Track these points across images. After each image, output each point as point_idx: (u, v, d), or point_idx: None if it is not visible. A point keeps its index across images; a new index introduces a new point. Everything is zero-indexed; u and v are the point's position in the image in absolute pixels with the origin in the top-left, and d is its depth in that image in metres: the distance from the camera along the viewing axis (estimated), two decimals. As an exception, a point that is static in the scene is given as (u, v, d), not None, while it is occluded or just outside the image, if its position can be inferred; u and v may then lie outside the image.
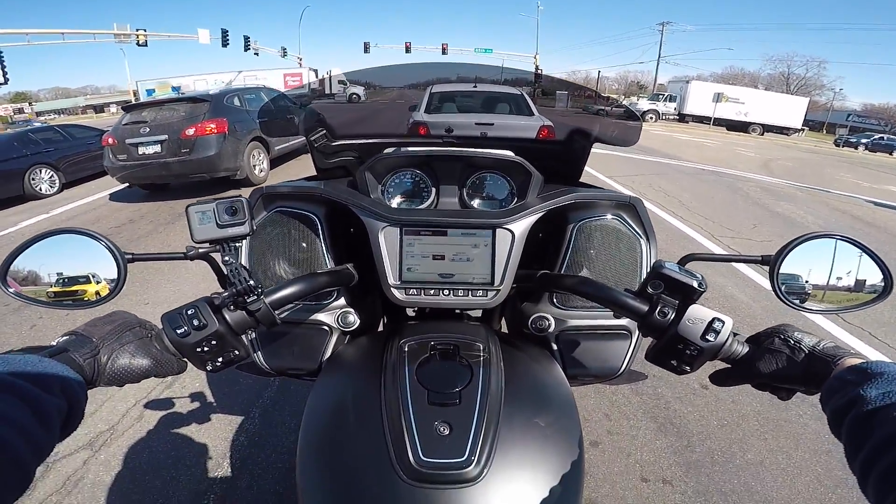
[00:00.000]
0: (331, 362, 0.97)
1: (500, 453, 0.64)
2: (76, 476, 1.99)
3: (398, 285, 0.91)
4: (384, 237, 0.90)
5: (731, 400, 2.53)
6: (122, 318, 0.65)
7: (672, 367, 0.70)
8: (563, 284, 0.90)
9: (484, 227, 0.91)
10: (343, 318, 1.02)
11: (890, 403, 0.45)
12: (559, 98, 2.61)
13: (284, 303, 0.75)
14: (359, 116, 1.75)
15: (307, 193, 1.01)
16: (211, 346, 0.66)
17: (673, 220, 6.18)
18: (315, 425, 0.74)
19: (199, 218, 0.68)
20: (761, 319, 3.39)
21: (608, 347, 1.03)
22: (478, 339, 0.84)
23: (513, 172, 1.07)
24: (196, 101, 7.14)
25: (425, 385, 0.72)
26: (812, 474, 2.05)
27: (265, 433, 2.22)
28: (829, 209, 7.83)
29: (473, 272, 0.91)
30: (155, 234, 5.55)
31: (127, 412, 2.38)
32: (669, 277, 0.68)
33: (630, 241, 1.02)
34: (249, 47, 34.64)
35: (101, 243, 0.66)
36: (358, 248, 1.05)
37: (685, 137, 20.78)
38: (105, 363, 0.59)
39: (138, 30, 27.32)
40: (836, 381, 0.53)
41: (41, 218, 6.62)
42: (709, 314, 0.66)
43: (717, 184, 9.31)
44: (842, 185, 10.64)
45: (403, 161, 1.07)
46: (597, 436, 2.23)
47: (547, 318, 1.02)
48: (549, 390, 0.82)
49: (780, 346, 0.64)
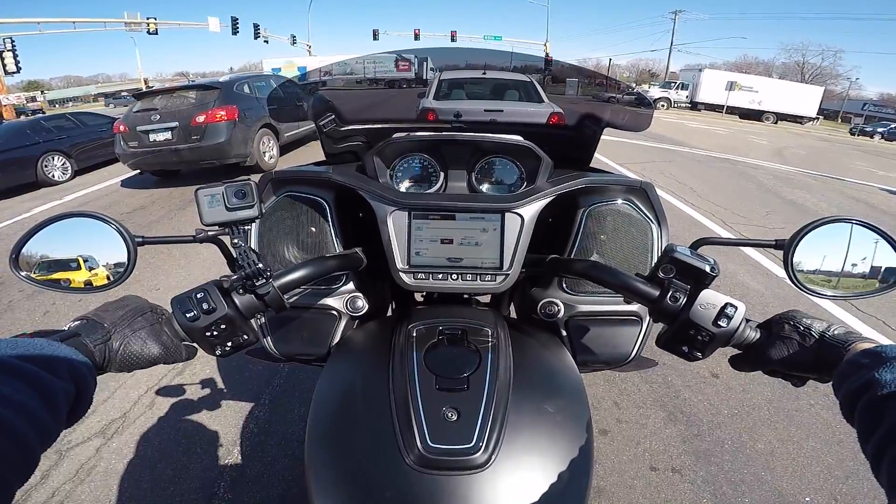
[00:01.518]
0: (339, 347, 0.97)
1: (508, 439, 0.64)
2: (89, 464, 2.02)
3: (406, 269, 0.91)
4: (392, 221, 0.90)
5: (742, 389, 2.51)
6: (133, 302, 0.65)
7: (683, 353, 0.70)
8: (573, 269, 0.89)
9: (493, 210, 0.89)
10: (352, 302, 1.01)
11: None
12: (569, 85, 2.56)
13: (293, 286, 0.75)
14: (369, 102, 1.74)
15: (316, 178, 1.01)
16: (220, 330, 0.66)
17: (684, 207, 6.12)
18: (323, 411, 0.75)
19: (209, 201, 0.67)
20: (773, 307, 3.35)
21: (618, 333, 1.02)
22: (486, 324, 0.83)
23: (522, 157, 1.05)
24: (206, 88, 7.17)
25: (433, 370, 0.72)
26: (823, 464, 2.03)
27: (275, 420, 2.24)
28: (844, 197, 7.71)
29: (482, 257, 0.90)
30: (166, 219, 5.60)
31: (139, 399, 2.41)
32: (681, 262, 0.67)
33: (641, 226, 1.01)
34: (259, 35, 34.53)
35: (111, 226, 0.65)
36: (366, 232, 1.04)
37: (696, 125, 20.48)
38: (116, 349, 0.59)
39: (148, 18, 27.33)
40: (849, 366, 0.52)
41: (54, 204, 6.71)
42: (721, 299, 0.65)
43: (728, 171, 9.18)
44: (856, 174, 10.46)
45: (412, 145, 1.06)
46: (606, 424, 2.23)
47: (556, 303, 1.01)
48: (558, 376, 0.81)
49: (789, 333, 0.63)
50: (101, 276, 0.69)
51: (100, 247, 0.67)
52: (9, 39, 20.48)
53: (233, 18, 30.90)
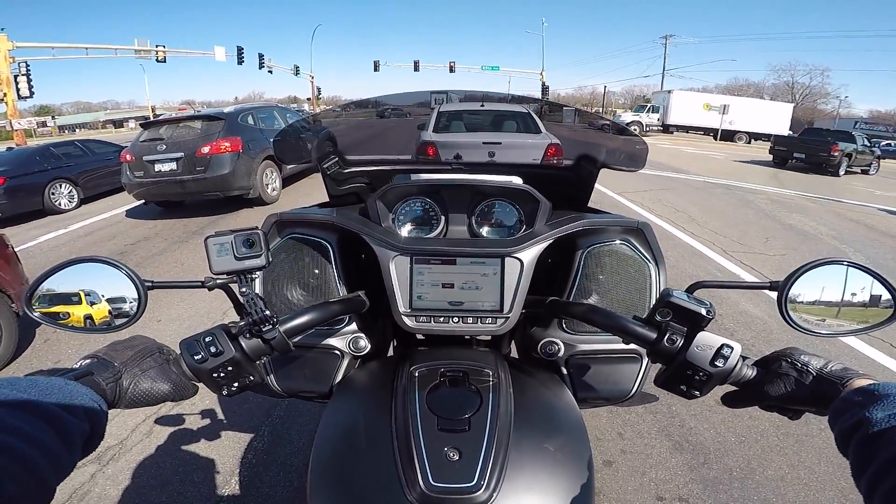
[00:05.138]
0: (342, 386, 0.98)
1: (509, 478, 0.64)
2: (83, 489, 2.00)
3: (409, 313, 0.92)
4: (395, 266, 0.91)
5: (749, 416, 2.48)
6: (142, 343, 0.68)
7: (681, 392, 0.71)
8: (572, 312, 0.91)
9: (493, 255, 0.91)
10: (354, 343, 1.03)
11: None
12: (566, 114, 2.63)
13: (299, 331, 0.77)
14: (371, 133, 1.79)
15: (320, 221, 1.04)
16: (227, 371, 0.68)
17: (683, 236, 6.13)
18: (326, 448, 0.75)
19: (217, 250, 0.70)
20: (777, 335, 3.34)
21: (618, 371, 1.03)
22: (487, 365, 0.85)
23: (521, 200, 1.07)
24: (211, 119, 7.28)
25: (435, 411, 0.73)
26: (836, 489, 2.00)
27: (274, 451, 2.22)
28: (842, 219, 7.73)
29: (483, 300, 0.92)
30: (168, 251, 5.61)
31: (136, 427, 2.41)
32: (678, 305, 0.69)
33: (639, 266, 1.03)
34: (263, 65, 35.29)
35: (121, 272, 0.67)
36: (369, 273, 1.06)
37: (691, 150, 20.66)
38: (126, 388, 0.61)
39: (157, 46, 27.91)
40: (843, 403, 0.54)
41: (60, 233, 6.76)
42: (717, 340, 0.67)
43: (726, 197, 9.23)
44: (854, 195, 10.52)
45: (413, 190, 1.08)
46: (610, 455, 2.20)
47: (556, 342, 1.02)
48: (558, 414, 0.82)
49: (787, 370, 0.65)
50: (102, 311, 0.71)
51: (111, 291, 0.70)
52: (24, 64, 20.74)
53: (238, 48, 31.59)
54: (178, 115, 8.33)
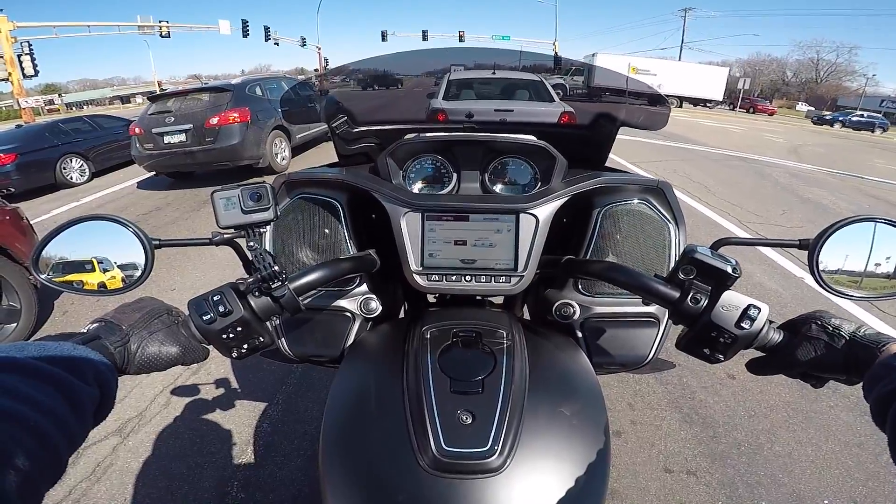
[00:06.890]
0: (353, 349, 0.97)
1: (523, 443, 0.63)
2: (105, 463, 2.05)
3: (420, 271, 0.90)
4: (406, 223, 0.89)
5: (759, 390, 2.47)
6: (149, 304, 0.66)
7: (704, 355, 0.68)
8: (590, 270, 0.88)
9: (507, 212, 0.88)
10: (365, 304, 1.01)
11: None
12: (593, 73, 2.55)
13: (308, 289, 0.75)
14: (379, 104, 1.74)
15: (329, 180, 1.01)
16: (236, 332, 0.67)
17: (699, 206, 6.05)
18: (338, 413, 0.74)
19: (224, 204, 0.68)
20: (792, 308, 3.29)
21: (635, 335, 1.00)
22: (501, 326, 0.82)
23: (536, 157, 1.04)
24: (219, 90, 7.27)
25: (448, 373, 0.72)
26: (842, 467, 1.99)
27: (288, 420, 2.26)
28: (863, 195, 7.56)
29: (496, 258, 0.89)
30: (181, 220, 5.67)
31: (154, 398, 2.45)
32: (702, 262, 0.65)
33: (658, 226, 0.99)
34: (269, 37, 34.75)
35: (128, 229, 0.66)
36: (380, 233, 1.04)
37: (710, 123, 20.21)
38: (135, 351, 0.59)
39: (161, 21, 27.59)
40: (882, 368, 0.51)
41: (72, 206, 6.83)
42: (744, 300, 0.64)
43: (743, 169, 9.06)
44: (875, 171, 10.27)
45: (424, 146, 1.05)
46: (620, 425, 2.21)
47: (572, 305, 0.99)
48: (574, 379, 0.80)
49: (817, 333, 0.61)
50: (115, 278, 0.70)
51: (117, 249, 0.68)
52: (26, 43, 20.75)
53: (243, 21, 31.08)
54: (186, 88, 8.29)
